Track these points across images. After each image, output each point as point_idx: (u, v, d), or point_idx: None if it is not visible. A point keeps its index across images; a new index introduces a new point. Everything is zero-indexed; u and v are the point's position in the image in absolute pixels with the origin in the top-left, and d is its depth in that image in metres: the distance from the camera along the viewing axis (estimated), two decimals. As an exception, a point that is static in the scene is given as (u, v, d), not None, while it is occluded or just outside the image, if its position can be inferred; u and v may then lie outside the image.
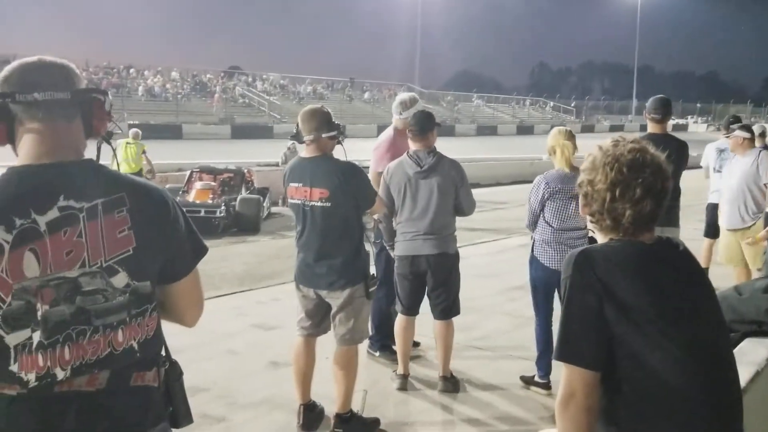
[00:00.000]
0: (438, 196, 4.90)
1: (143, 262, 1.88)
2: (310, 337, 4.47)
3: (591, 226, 2.21)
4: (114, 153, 2.13)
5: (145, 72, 54.57)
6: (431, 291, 5.08)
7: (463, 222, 5.38)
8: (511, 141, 46.03)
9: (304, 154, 4.32)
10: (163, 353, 2.02)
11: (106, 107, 1.94)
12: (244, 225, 13.89)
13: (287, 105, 53.02)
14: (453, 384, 5.10)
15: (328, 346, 4.49)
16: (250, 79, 61.76)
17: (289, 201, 4.39)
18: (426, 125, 5.00)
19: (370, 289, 4.33)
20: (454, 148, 11.54)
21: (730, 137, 7.29)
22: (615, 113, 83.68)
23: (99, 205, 1.82)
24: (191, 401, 2.09)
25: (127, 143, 14.42)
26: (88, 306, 1.79)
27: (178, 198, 13.41)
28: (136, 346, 1.87)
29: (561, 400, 2.02)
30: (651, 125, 5.89)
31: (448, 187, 4.94)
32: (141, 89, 49.47)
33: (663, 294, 2.01)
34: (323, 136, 4.20)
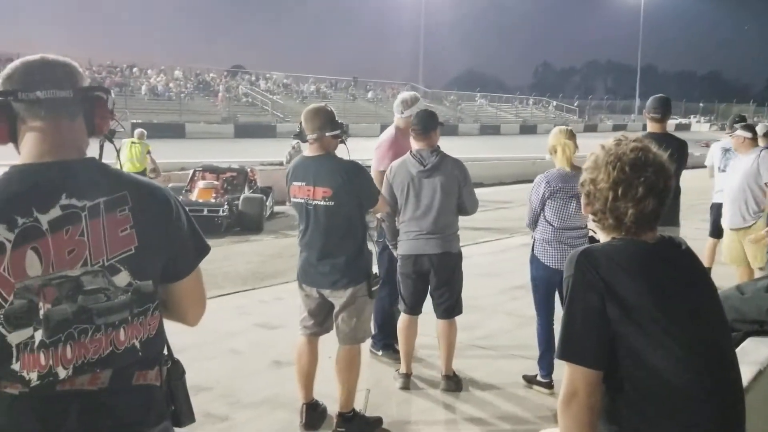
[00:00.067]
0: (441, 195, 4.90)
1: (145, 261, 1.87)
2: (312, 336, 4.47)
3: (593, 225, 2.21)
4: (117, 152, 2.12)
5: (149, 71, 54.61)
6: (434, 290, 5.07)
7: (466, 221, 5.38)
8: (514, 140, 46.00)
9: (307, 153, 4.32)
10: (166, 352, 2.02)
11: (108, 106, 1.93)
12: (247, 224, 13.90)
13: (290, 104, 53.04)
14: (456, 383, 5.10)
15: (330, 345, 4.48)
16: (253, 78, 61.79)
17: (292, 200, 4.39)
18: (429, 124, 5.00)
19: (372, 289, 4.33)
20: (457, 147, 11.50)
21: (732, 136, 7.29)
22: (618, 113, 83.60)
23: (101, 204, 1.82)
24: (194, 400, 2.09)
25: (132, 143, 14.38)
26: (89, 305, 1.79)
27: (180, 197, 13.36)
28: (138, 345, 1.87)
29: (563, 399, 2.02)
30: (651, 124, 5.89)
31: (451, 187, 4.93)
32: (144, 88, 49.54)
33: (665, 293, 2.01)
34: (326, 135, 4.20)
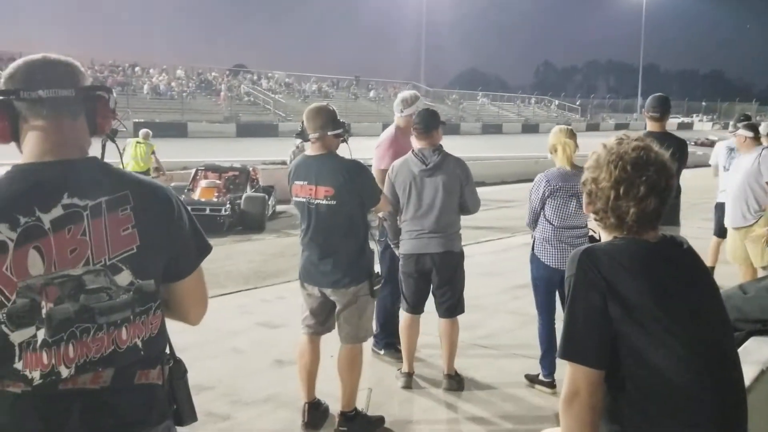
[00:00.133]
0: (443, 194, 4.90)
1: (147, 260, 1.87)
2: (314, 336, 4.47)
3: (595, 224, 2.22)
4: (119, 151, 2.12)
5: (151, 70, 54.68)
6: (436, 289, 5.07)
7: (468, 220, 5.38)
8: (516, 139, 46.01)
9: (308, 152, 4.32)
10: (168, 351, 2.02)
11: (110, 105, 1.93)
12: (249, 223, 13.89)
13: (292, 103, 53.13)
14: (457, 382, 5.09)
15: (332, 344, 4.48)
16: (255, 77, 61.91)
17: (294, 199, 4.38)
18: (431, 123, 5.00)
19: (374, 288, 4.33)
20: (459, 146, 11.49)
21: (735, 136, 7.29)
22: (620, 111, 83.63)
23: (103, 203, 1.82)
24: (196, 399, 2.09)
25: (137, 142, 14.48)
26: (92, 304, 1.79)
27: (183, 196, 13.32)
28: (140, 344, 1.87)
29: (565, 398, 2.02)
30: (650, 123, 5.88)
31: (453, 186, 4.93)
32: (146, 87, 49.64)
33: (667, 292, 2.01)
34: (328, 134, 4.20)
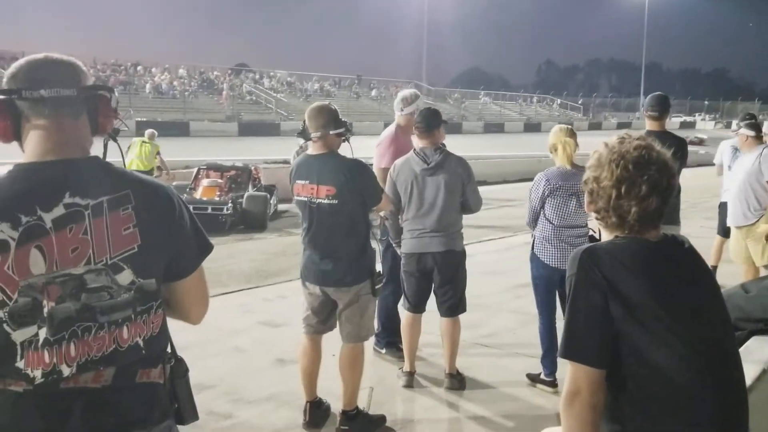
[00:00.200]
0: (445, 193, 4.90)
1: (148, 259, 1.88)
2: (316, 335, 4.48)
3: (596, 223, 2.22)
4: (121, 150, 2.12)
5: (153, 69, 54.68)
6: (438, 288, 5.08)
7: (470, 219, 5.38)
8: (519, 138, 45.94)
9: (310, 151, 4.32)
10: (169, 350, 2.02)
11: (112, 104, 1.94)
12: (251, 222, 13.88)
13: (294, 102, 53.13)
14: (459, 381, 5.10)
15: (334, 343, 4.49)
16: (257, 77, 61.89)
17: (296, 198, 4.38)
18: (432, 122, 5.00)
19: (376, 287, 4.33)
20: (461, 145, 11.49)
21: (738, 135, 7.28)
22: (622, 110, 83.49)
23: (104, 203, 1.82)
24: (197, 398, 2.09)
25: (143, 142, 14.62)
26: (93, 303, 1.80)
27: (185, 195, 13.43)
28: (141, 343, 1.88)
29: (566, 397, 2.02)
30: (649, 122, 5.86)
31: (454, 185, 4.93)
32: (148, 86, 49.63)
33: (668, 292, 2.01)
34: (330, 133, 4.20)
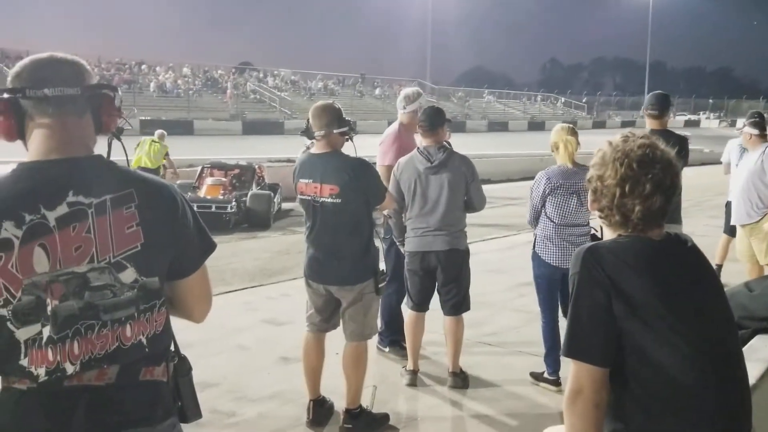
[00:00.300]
0: (448, 191, 4.90)
1: (151, 258, 1.88)
2: (319, 333, 4.48)
3: (600, 221, 2.22)
4: (124, 149, 2.12)
5: (157, 68, 54.77)
6: (441, 287, 5.08)
7: (474, 218, 5.38)
8: (522, 137, 45.86)
9: (314, 150, 4.32)
10: (172, 348, 2.03)
11: (116, 103, 1.94)
12: (254, 221, 13.90)
13: (298, 101, 53.12)
14: (462, 380, 5.10)
15: (337, 341, 4.49)
16: (261, 75, 61.87)
17: (299, 197, 4.38)
18: (436, 121, 5.00)
19: (379, 285, 4.34)
20: (465, 143, 11.50)
21: (742, 133, 7.26)
22: (626, 109, 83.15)
23: (108, 201, 1.83)
24: (201, 396, 2.10)
25: (153, 141, 14.78)
26: (96, 301, 1.80)
27: (189, 194, 13.46)
28: (144, 341, 1.88)
29: (569, 396, 2.02)
30: (649, 121, 5.84)
31: (458, 183, 4.93)
32: (153, 85, 49.71)
33: (671, 290, 2.00)
34: (334, 132, 4.20)
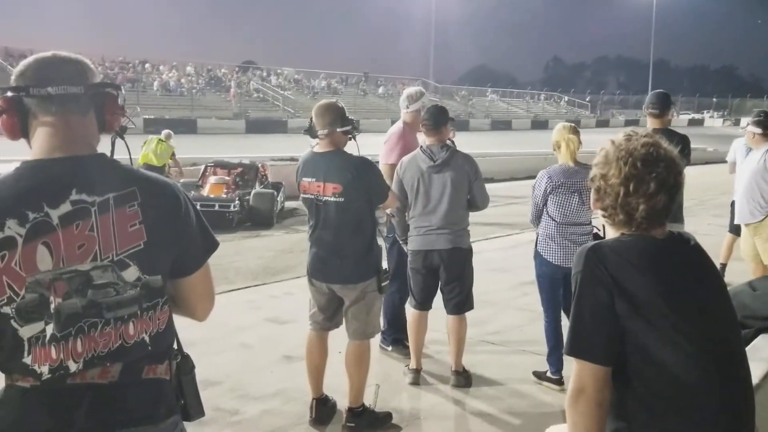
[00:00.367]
0: (451, 190, 4.90)
1: (154, 256, 1.88)
2: (322, 331, 4.49)
3: (603, 220, 2.21)
4: (128, 148, 2.13)
5: (161, 67, 54.78)
6: (444, 286, 5.08)
7: (477, 216, 5.38)
8: (526, 135, 45.81)
9: (317, 148, 4.32)
10: (175, 346, 2.03)
11: (119, 102, 1.95)
12: (257, 219, 13.91)
13: (301, 99, 53.12)
14: (465, 379, 5.10)
15: (340, 340, 4.50)
16: (264, 74, 61.87)
17: (302, 196, 4.39)
18: (440, 120, 5.00)
19: (382, 284, 4.34)
20: (468, 142, 11.50)
21: (746, 132, 7.25)
22: (630, 108, 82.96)
23: (111, 199, 1.83)
24: (204, 394, 2.10)
25: (160, 140, 15.10)
26: (99, 299, 1.80)
27: (192, 192, 13.48)
28: (147, 339, 1.88)
29: (571, 394, 2.02)
30: (650, 120, 5.81)
31: (461, 182, 4.93)
32: (156, 84, 49.74)
33: (674, 289, 2.00)
34: (337, 130, 4.20)
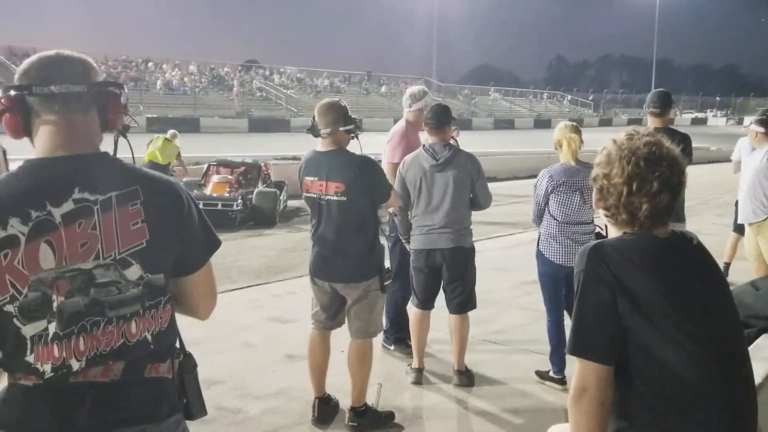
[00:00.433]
0: (453, 189, 4.90)
1: (156, 254, 1.89)
2: (325, 330, 4.48)
3: (605, 220, 2.21)
4: (131, 147, 2.13)
5: (164, 65, 54.85)
6: (447, 285, 5.07)
7: (480, 216, 5.38)
8: (528, 134, 45.77)
9: (319, 147, 4.32)
10: (178, 345, 2.03)
11: (122, 101, 1.95)
12: (260, 218, 13.93)
13: (304, 98, 53.12)
14: (468, 378, 5.10)
15: (343, 339, 4.49)
16: (267, 73, 61.91)
17: (305, 195, 4.39)
18: (443, 119, 5.00)
19: (384, 283, 4.33)
20: (471, 141, 11.49)
21: (749, 131, 7.23)
22: (633, 107, 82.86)
23: (113, 198, 1.83)
24: (206, 393, 2.10)
25: (165, 139, 15.34)
26: (101, 297, 1.81)
27: (195, 191, 13.49)
28: (149, 337, 1.89)
29: (574, 394, 2.01)
30: (651, 119, 5.80)
31: (464, 181, 4.93)
32: (159, 83, 49.80)
33: (677, 289, 2.00)
34: (340, 129, 4.20)
